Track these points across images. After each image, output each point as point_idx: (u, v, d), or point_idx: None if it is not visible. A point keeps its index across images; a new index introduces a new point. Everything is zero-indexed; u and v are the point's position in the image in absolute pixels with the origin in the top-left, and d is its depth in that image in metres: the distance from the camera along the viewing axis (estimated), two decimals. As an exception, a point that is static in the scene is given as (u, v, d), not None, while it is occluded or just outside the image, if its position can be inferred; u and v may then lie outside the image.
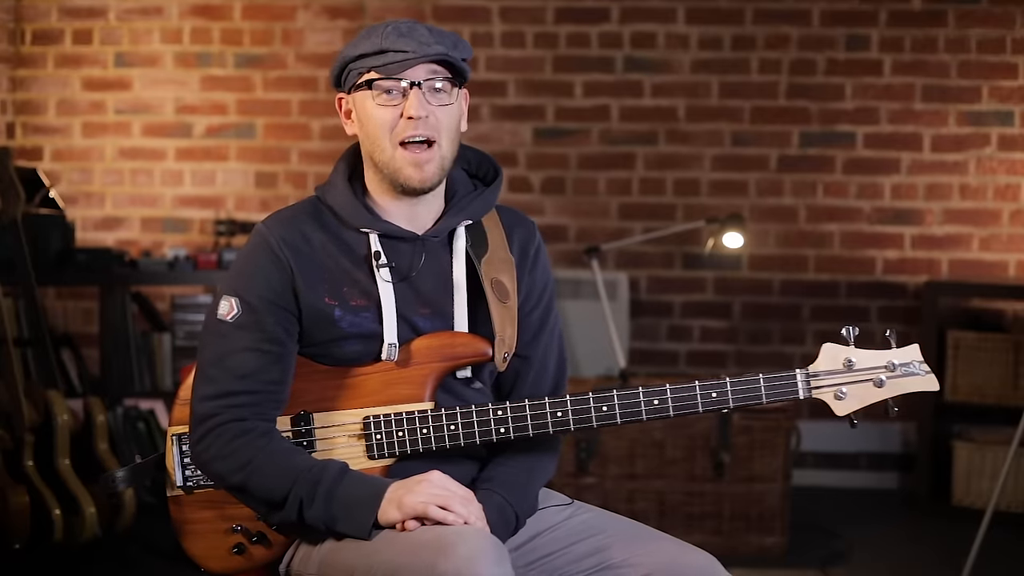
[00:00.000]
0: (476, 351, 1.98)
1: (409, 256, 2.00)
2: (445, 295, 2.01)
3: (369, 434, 1.95)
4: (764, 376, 1.93)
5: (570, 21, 4.98)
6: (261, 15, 5.03)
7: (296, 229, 1.97)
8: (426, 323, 1.99)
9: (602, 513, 2.07)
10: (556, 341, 2.13)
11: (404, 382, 1.96)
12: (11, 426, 3.54)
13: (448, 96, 1.95)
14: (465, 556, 1.72)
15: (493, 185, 2.09)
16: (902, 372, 1.91)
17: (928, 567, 3.92)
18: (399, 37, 1.91)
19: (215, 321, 1.96)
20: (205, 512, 2.01)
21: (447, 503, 1.84)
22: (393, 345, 1.95)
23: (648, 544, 1.95)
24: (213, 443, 1.91)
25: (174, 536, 2.05)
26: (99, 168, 5.08)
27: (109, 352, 4.40)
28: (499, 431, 1.94)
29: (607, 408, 1.94)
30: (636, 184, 5.00)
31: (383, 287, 1.96)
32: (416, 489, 1.85)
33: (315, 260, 1.96)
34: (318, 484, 1.87)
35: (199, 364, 1.97)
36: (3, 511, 3.44)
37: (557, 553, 1.98)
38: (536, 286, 2.10)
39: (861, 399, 1.92)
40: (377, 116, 1.94)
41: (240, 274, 1.98)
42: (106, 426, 3.69)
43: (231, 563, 1.99)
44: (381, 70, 1.92)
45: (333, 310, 1.95)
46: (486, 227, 2.07)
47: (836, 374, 1.92)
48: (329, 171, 2.08)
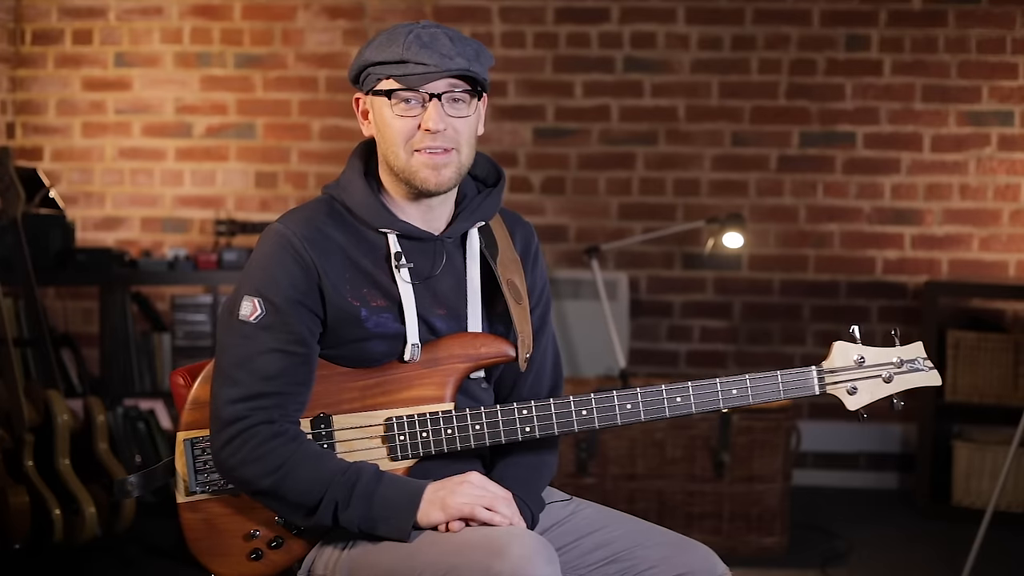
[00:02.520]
0: (499, 352, 1.99)
1: (429, 256, 2.00)
2: (459, 296, 2.01)
3: (392, 435, 1.95)
4: (782, 372, 1.99)
5: (570, 21, 4.98)
6: (261, 15, 5.03)
7: (317, 229, 1.96)
8: (442, 324, 1.99)
9: (602, 508, 2.09)
10: (551, 341, 2.15)
11: (426, 383, 1.96)
12: (11, 426, 3.54)
13: (467, 107, 1.95)
14: (520, 556, 1.74)
15: (498, 187, 2.09)
16: (908, 368, 2.01)
17: (928, 567, 3.92)
18: (421, 48, 1.90)
19: (237, 323, 1.92)
20: (221, 518, 1.98)
21: (492, 504, 1.85)
22: (416, 346, 1.95)
23: (651, 536, 1.98)
24: (242, 447, 1.88)
25: (177, 537, 2.03)
26: (99, 168, 5.08)
27: (109, 352, 4.40)
28: (524, 430, 1.95)
29: (631, 406, 1.96)
30: (636, 184, 5.00)
31: (403, 288, 1.96)
32: (458, 490, 1.86)
33: (338, 260, 1.95)
34: (353, 487, 1.86)
35: (220, 366, 1.93)
36: (3, 511, 3.44)
37: (567, 547, 1.99)
38: (537, 286, 2.11)
39: (872, 394, 2.01)
40: (394, 125, 1.93)
41: (262, 274, 1.94)
42: (106, 426, 3.69)
43: (247, 569, 1.97)
44: (401, 80, 1.91)
45: (359, 310, 1.94)
46: (492, 228, 2.08)
47: (848, 371, 2.00)
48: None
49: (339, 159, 4.93)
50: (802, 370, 1.99)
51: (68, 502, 3.50)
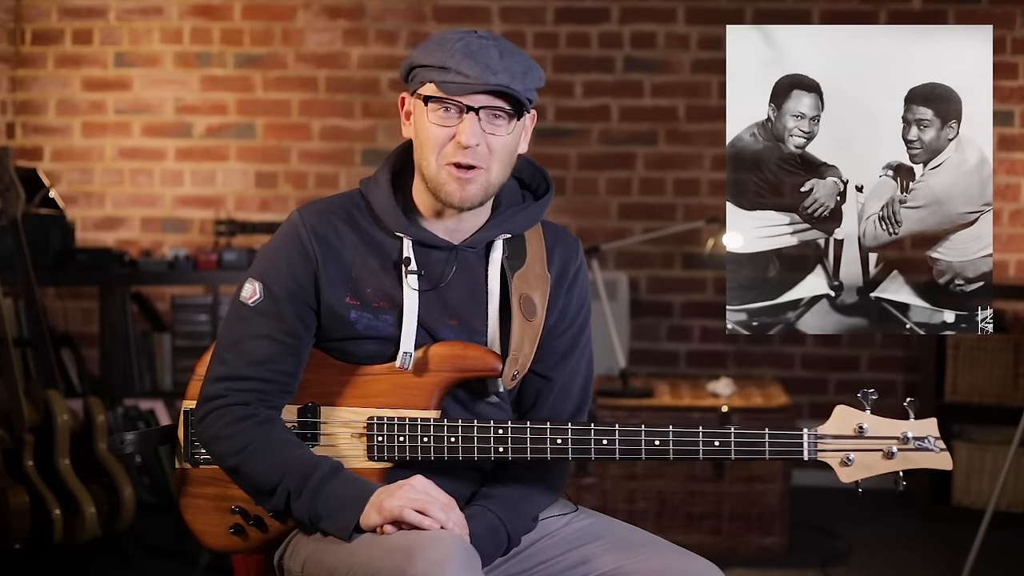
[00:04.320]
0: (486, 365, 1.95)
1: (441, 265, 1.97)
2: (475, 307, 1.98)
3: (372, 435, 1.95)
4: (770, 431, 1.88)
5: (570, 21, 4.98)
6: (261, 15, 5.03)
7: (329, 223, 1.96)
8: (452, 335, 1.97)
9: (602, 519, 2.05)
10: (584, 365, 2.08)
11: (413, 388, 1.95)
12: (11, 426, 3.54)
13: (506, 127, 1.90)
14: (434, 560, 1.72)
15: (542, 200, 2.04)
16: (915, 446, 1.86)
17: (928, 567, 3.92)
18: (465, 57, 1.86)
19: (238, 303, 1.97)
20: (208, 489, 2.02)
21: (425, 507, 1.82)
22: (408, 354, 1.93)
23: (645, 551, 1.94)
24: (215, 423, 1.93)
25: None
26: (99, 168, 5.08)
27: (109, 352, 4.40)
28: (497, 450, 1.92)
29: (607, 442, 1.91)
30: (636, 184, 5.00)
31: (408, 294, 1.94)
32: (396, 493, 1.84)
33: (343, 257, 1.95)
34: (308, 479, 1.87)
35: (217, 344, 1.98)
36: (3, 511, 3.44)
37: (551, 561, 1.97)
38: (571, 308, 2.05)
39: (869, 468, 1.87)
40: (430, 132, 1.90)
41: (268, 260, 1.97)
42: (106, 426, 3.69)
43: (228, 542, 2.02)
44: (441, 87, 1.87)
45: (350, 311, 1.94)
46: (528, 240, 2.03)
47: (845, 439, 1.87)
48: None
49: (339, 159, 4.93)
50: (793, 432, 1.88)
51: (68, 502, 3.50)
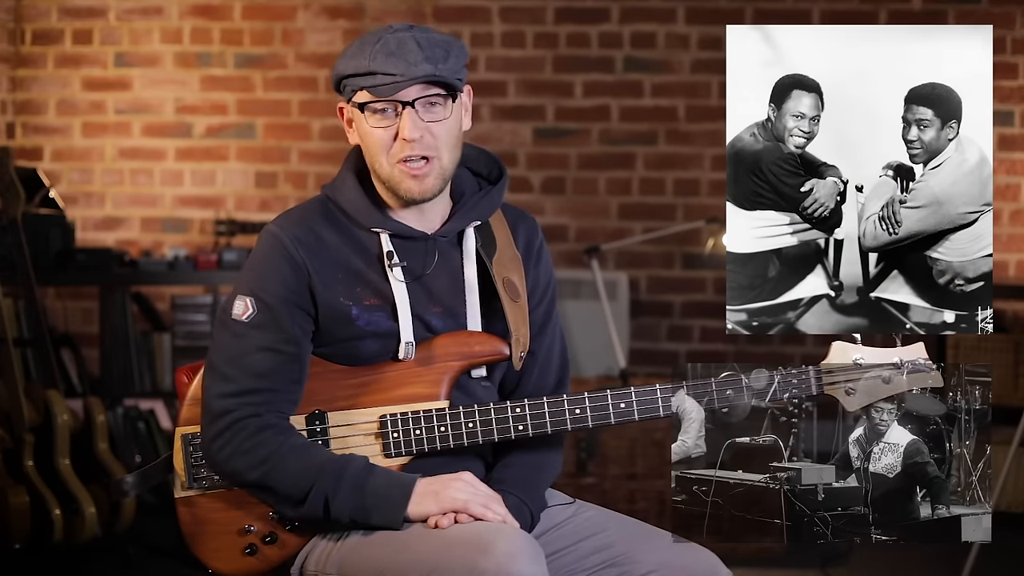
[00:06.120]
0: (494, 350, 1.99)
1: (421, 255, 2.00)
2: (456, 295, 2.01)
3: (386, 432, 1.95)
4: (780, 372, 1.98)
5: (570, 21, 4.98)
6: (261, 15, 5.03)
7: (309, 229, 1.97)
8: (439, 322, 2.00)
9: (604, 511, 2.08)
10: (559, 336, 2.15)
11: (420, 381, 1.97)
12: (11, 426, 3.54)
13: (443, 110, 1.93)
14: (505, 553, 1.74)
15: (499, 184, 2.09)
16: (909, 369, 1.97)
17: (928, 567, 3.92)
18: (387, 57, 1.89)
19: (230, 321, 1.94)
20: (216, 513, 1.99)
21: (486, 502, 1.87)
22: (410, 343, 1.95)
23: (651, 541, 1.99)
24: (231, 440, 1.90)
25: (176, 537, 2.04)
26: (99, 168, 5.08)
27: (109, 352, 4.40)
28: (517, 428, 1.95)
29: (625, 405, 1.96)
30: (636, 184, 5.00)
31: (396, 286, 1.96)
32: (453, 485, 1.87)
33: (329, 259, 1.96)
34: (342, 478, 1.87)
35: (212, 363, 1.96)
36: (3, 511, 3.44)
37: (565, 550, 1.99)
38: (540, 281, 2.11)
39: (870, 395, 1.98)
40: (373, 135, 1.93)
41: (255, 274, 1.96)
42: (106, 426, 3.69)
43: (242, 564, 1.98)
44: (371, 92, 1.91)
45: (350, 308, 1.95)
46: (492, 226, 2.07)
47: (846, 371, 1.98)
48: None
49: (339, 159, 4.92)
50: (799, 370, 1.98)
51: (68, 502, 3.50)
